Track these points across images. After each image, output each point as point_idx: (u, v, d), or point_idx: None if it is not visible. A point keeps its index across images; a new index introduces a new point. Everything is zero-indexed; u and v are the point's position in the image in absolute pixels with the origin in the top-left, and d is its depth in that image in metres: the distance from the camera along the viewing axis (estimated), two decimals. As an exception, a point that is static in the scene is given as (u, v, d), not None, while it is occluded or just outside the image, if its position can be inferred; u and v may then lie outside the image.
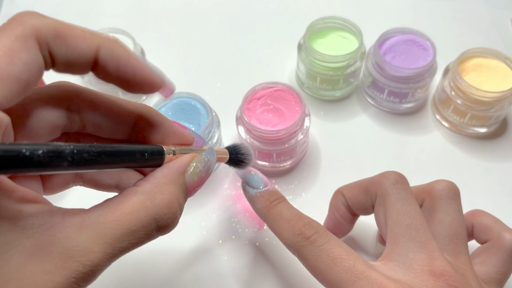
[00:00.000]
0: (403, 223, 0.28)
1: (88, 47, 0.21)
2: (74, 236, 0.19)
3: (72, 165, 0.18)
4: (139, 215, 0.21)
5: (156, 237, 0.22)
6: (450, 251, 0.28)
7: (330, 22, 0.48)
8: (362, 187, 0.32)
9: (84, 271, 0.19)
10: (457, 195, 0.31)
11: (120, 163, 0.21)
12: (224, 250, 0.40)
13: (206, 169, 0.25)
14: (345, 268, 0.26)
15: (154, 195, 0.21)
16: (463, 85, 0.43)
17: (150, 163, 0.23)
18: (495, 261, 0.30)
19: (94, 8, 0.60)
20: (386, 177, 0.30)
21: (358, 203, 0.33)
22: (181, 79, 0.52)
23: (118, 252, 0.20)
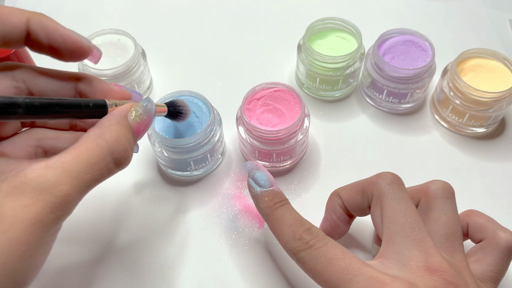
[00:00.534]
0: (398, 222, 0.28)
1: (19, 20, 0.24)
2: (42, 174, 0.22)
3: (27, 112, 0.22)
4: (95, 151, 0.24)
5: (116, 170, 0.25)
6: (446, 249, 0.29)
7: (330, 23, 0.49)
8: (358, 188, 0.33)
9: (57, 201, 0.22)
10: (452, 195, 0.31)
11: (69, 112, 0.25)
12: (224, 249, 0.40)
13: (146, 112, 0.28)
14: (341, 267, 0.26)
15: (103, 134, 0.25)
16: (462, 86, 0.44)
17: (95, 112, 0.26)
18: (491, 259, 0.30)
19: (95, 8, 0.60)
20: (382, 178, 0.31)
21: (355, 204, 0.33)
22: (181, 79, 0.53)
23: (84, 185, 0.23)
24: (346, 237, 0.40)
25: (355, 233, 0.40)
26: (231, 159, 0.46)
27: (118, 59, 0.47)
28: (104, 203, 0.43)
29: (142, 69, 0.48)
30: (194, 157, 0.41)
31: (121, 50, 0.48)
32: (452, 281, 0.25)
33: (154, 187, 0.44)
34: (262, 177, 0.33)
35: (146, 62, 0.49)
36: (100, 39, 0.48)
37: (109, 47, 0.48)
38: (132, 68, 0.46)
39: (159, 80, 0.53)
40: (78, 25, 0.58)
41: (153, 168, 0.45)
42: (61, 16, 0.59)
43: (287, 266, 0.38)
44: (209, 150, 0.42)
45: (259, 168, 0.34)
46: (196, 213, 0.42)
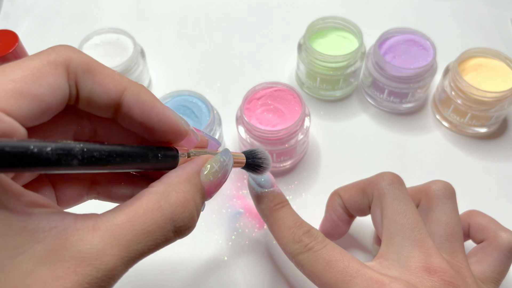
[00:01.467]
0: (398, 222, 0.28)
1: (114, 87, 0.20)
2: (87, 238, 0.18)
3: (82, 164, 0.18)
4: (154, 215, 0.20)
5: (174, 240, 0.21)
6: (446, 250, 0.28)
7: (330, 22, 0.48)
8: (359, 188, 0.32)
9: (98, 275, 0.18)
10: (453, 195, 0.31)
11: (132, 163, 0.20)
12: (224, 250, 0.40)
13: (222, 169, 0.24)
14: (340, 268, 0.26)
15: (168, 194, 0.21)
16: (463, 85, 0.43)
17: (163, 165, 0.22)
18: (492, 260, 0.30)
19: (93, 7, 0.60)
20: (382, 178, 0.30)
21: (355, 204, 0.33)
22: (181, 79, 0.52)
23: (134, 256, 0.19)
24: (346, 237, 0.39)
25: (355, 233, 0.40)
26: (231, 159, 0.46)
27: (117, 59, 0.47)
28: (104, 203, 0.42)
29: (141, 68, 0.48)
30: (194, 157, 0.41)
31: (120, 49, 0.47)
32: (452, 282, 0.25)
33: (153, 187, 0.44)
34: (263, 178, 0.33)
35: (145, 62, 0.49)
36: (99, 38, 0.48)
37: (108, 46, 0.47)
38: (131, 67, 0.46)
39: (158, 79, 0.52)
40: (77, 24, 0.58)
41: (152, 168, 0.45)
42: (60, 15, 0.59)
43: (287, 267, 0.38)
44: (208, 150, 0.41)
45: None
46: (196, 213, 0.42)
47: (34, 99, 0.18)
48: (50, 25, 0.58)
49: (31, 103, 0.18)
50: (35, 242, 0.17)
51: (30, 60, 0.19)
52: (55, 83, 0.19)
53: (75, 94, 0.20)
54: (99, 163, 0.19)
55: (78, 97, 0.20)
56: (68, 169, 0.18)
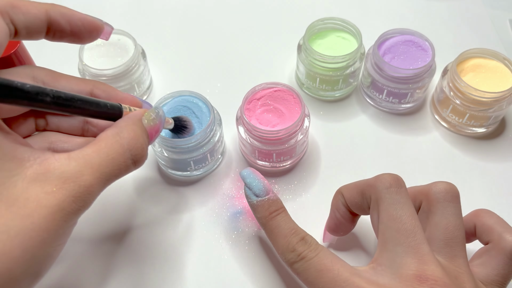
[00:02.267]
0: (393, 228, 0.28)
1: (39, 11, 0.25)
2: (66, 163, 0.23)
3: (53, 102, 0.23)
4: (114, 146, 0.25)
5: (133, 168, 0.26)
6: (445, 254, 0.28)
7: (330, 23, 0.49)
8: (358, 189, 0.32)
9: (80, 190, 0.23)
10: (454, 198, 0.30)
11: (89, 107, 0.26)
12: (225, 249, 0.40)
13: (157, 117, 0.30)
14: (330, 278, 0.27)
15: (121, 132, 0.26)
16: (462, 86, 0.44)
17: (112, 113, 0.28)
18: (496, 263, 0.30)
19: (94, 8, 0.60)
20: (380, 181, 0.30)
21: (356, 204, 0.33)
22: (181, 79, 0.53)
23: (105, 178, 0.24)
24: (351, 236, 0.40)
25: (360, 232, 0.40)
26: (231, 159, 0.46)
27: (118, 59, 0.47)
28: (104, 203, 0.43)
29: (142, 69, 0.48)
30: (194, 157, 0.41)
31: (121, 50, 0.48)
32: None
33: (154, 187, 0.44)
34: (257, 187, 0.33)
35: (146, 62, 0.49)
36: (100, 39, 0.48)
37: (109, 47, 0.48)
38: (132, 68, 0.46)
39: (159, 80, 0.53)
40: (78, 25, 0.58)
41: (153, 168, 0.45)
42: (61, 16, 0.59)
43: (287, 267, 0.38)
44: (209, 150, 0.42)
45: (255, 176, 0.34)
46: (196, 213, 0.42)
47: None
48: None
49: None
50: (24, 168, 0.22)
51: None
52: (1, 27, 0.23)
53: (13, 29, 0.24)
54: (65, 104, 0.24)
55: (16, 30, 0.24)
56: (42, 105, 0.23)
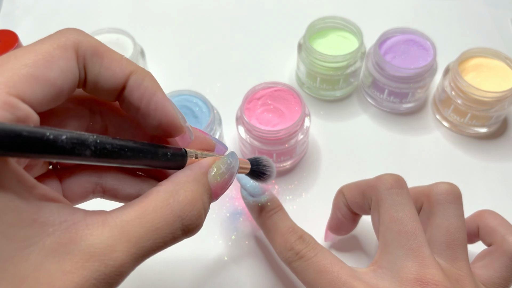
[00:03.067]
0: (393, 230, 0.27)
1: (121, 71, 0.21)
2: (96, 233, 0.18)
3: (95, 155, 0.18)
4: (163, 212, 0.20)
5: (182, 238, 0.21)
6: (446, 257, 0.28)
7: (330, 22, 0.48)
8: (359, 190, 0.32)
9: (106, 271, 0.18)
10: (456, 199, 0.30)
11: (142, 158, 0.21)
12: (225, 249, 0.40)
13: (228, 171, 0.24)
14: (329, 280, 0.26)
15: (177, 192, 0.21)
16: (464, 85, 0.43)
17: (172, 163, 0.22)
18: (498, 266, 0.29)
19: (93, 7, 0.60)
20: (381, 181, 0.29)
21: (357, 204, 0.33)
22: (181, 79, 0.52)
23: (142, 253, 0.20)
24: (352, 237, 0.39)
25: (361, 233, 0.40)
26: (231, 159, 0.46)
27: (117, 59, 0.47)
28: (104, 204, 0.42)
29: (142, 68, 0.48)
30: (194, 157, 0.41)
31: (120, 49, 0.47)
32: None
33: (153, 187, 0.44)
34: (253, 187, 0.33)
35: (145, 62, 0.49)
36: (99, 38, 0.48)
37: (108, 46, 0.48)
38: (131, 67, 0.46)
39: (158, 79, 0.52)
40: (77, 24, 0.58)
41: (152, 168, 0.45)
42: (60, 15, 0.59)
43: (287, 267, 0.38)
44: (208, 150, 0.41)
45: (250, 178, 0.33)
46: (196, 213, 0.42)
47: (47, 84, 0.18)
48: (49, 25, 0.58)
49: (44, 88, 0.18)
50: (45, 235, 0.17)
51: (40, 44, 0.19)
52: (66, 67, 0.19)
53: (83, 77, 0.20)
54: (110, 156, 0.19)
55: (86, 80, 0.20)
56: (81, 159, 0.18)
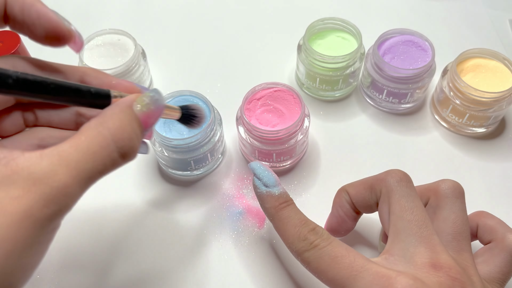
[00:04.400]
0: (405, 219, 0.28)
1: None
2: (36, 162, 0.19)
3: (17, 85, 0.19)
4: (95, 138, 0.21)
5: (122, 163, 0.23)
6: (453, 248, 0.29)
7: (330, 23, 0.49)
8: (367, 185, 0.33)
9: (52, 192, 0.19)
10: (461, 195, 0.31)
11: (66, 94, 0.22)
12: (225, 249, 0.40)
13: (154, 102, 0.25)
14: (346, 264, 0.26)
15: (105, 123, 0.22)
16: (462, 86, 0.44)
17: (98, 101, 0.24)
18: (498, 261, 0.31)
19: (95, 8, 0.60)
20: (391, 175, 0.31)
21: (363, 200, 0.33)
22: (181, 79, 0.53)
23: (85, 176, 0.21)
24: (353, 234, 0.40)
25: (362, 231, 0.40)
26: (231, 159, 0.46)
27: (118, 59, 0.47)
28: (104, 203, 0.43)
29: (142, 69, 0.48)
30: (195, 156, 0.41)
31: (121, 50, 0.48)
32: (458, 278, 0.25)
33: (154, 187, 0.44)
34: (268, 177, 0.33)
35: (146, 62, 0.49)
36: (100, 39, 0.48)
37: (109, 47, 0.48)
38: (132, 68, 0.46)
39: (159, 80, 0.53)
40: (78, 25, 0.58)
41: (153, 168, 0.45)
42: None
43: (287, 266, 0.38)
44: (209, 149, 0.42)
45: (265, 168, 0.34)
46: (196, 213, 0.42)
47: None
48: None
49: None
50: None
51: None
52: None
53: None
54: (33, 88, 0.20)
55: None
56: (4, 91, 0.19)
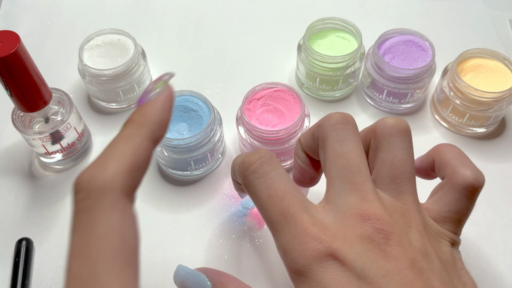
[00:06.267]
0: (338, 165, 0.26)
1: None
2: None
3: None
4: None
5: None
6: (391, 191, 0.27)
7: (330, 23, 0.49)
8: (310, 132, 0.30)
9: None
10: (402, 132, 0.28)
11: None
12: (225, 249, 0.40)
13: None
14: (279, 208, 0.25)
15: None
16: (462, 86, 0.44)
17: None
18: (448, 199, 0.28)
19: (95, 8, 0.60)
20: (327, 119, 0.28)
21: (309, 147, 0.31)
22: (181, 79, 0.53)
23: None
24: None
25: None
26: (231, 159, 0.46)
27: (118, 59, 0.47)
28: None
29: (142, 69, 0.48)
30: (195, 156, 0.41)
31: (121, 50, 0.48)
32: (383, 229, 0.24)
33: (154, 187, 0.44)
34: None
35: (146, 62, 0.49)
36: (100, 39, 0.48)
37: (109, 47, 0.48)
38: (132, 68, 0.46)
39: (159, 80, 0.52)
40: (78, 25, 0.58)
41: (153, 168, 0.45)
42: (61, 15, 0.59)
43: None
44: (209, 149, 0.42)
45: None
46: (196, 213, 0.42)
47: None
48: (51, 25, 0.58)
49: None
50: None
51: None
52: None
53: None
54: None
55: None
56: None
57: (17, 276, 0.38)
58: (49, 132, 0.41)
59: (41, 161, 0.45)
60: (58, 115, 0.42)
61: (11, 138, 0.47)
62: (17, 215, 0.42)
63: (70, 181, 0.44)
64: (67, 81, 0.52)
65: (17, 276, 0.38)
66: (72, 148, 0.44)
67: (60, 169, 0.45)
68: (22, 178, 0.45)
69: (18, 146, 0.47)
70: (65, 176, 0.45)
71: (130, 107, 0.50)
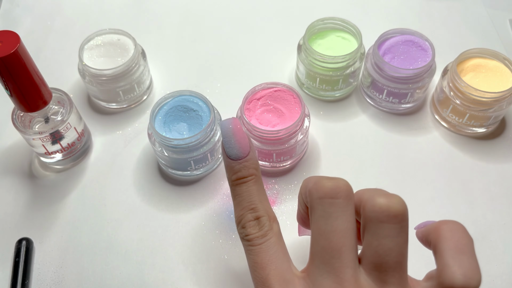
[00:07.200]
0: (319, 244, 0.25)
1: None
2: None
3: None
4: None
5: None
6: (375, 278, 0.25)
7: (330, 23, 0.49)
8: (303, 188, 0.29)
9: None
10: (391, 218, 0.24)
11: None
12: (225, 249, 0.40)
13: None
14: (259, 277, 0.26)
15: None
16: (462, 86, 0.44)
17: None
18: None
19: (95, 8, 0.60)
20: (316, 188, 0.26)
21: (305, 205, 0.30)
22: (181, 79, 0.53)
23: None
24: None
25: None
26: (231, 159, 0.46)
27: (118, 59, 0.47)
28: (105, 202, 0.43)
29: (142, 69, 0.48)
30: (195, 156, 0.41)
31: (121, 50, 0.48)
32: None
33: (154, 187, 0.44)
34: (231, 150, 0.29)
35: (146, 62, 0.49)
36: (100, 39, 0.48)
37: (109, 47, 0.48)
38: (132, 68, 0.46)
39: (159, 80, 0.53)
40: (78, 25, 0.58)
41: (153, 168, 0.45)
42: (61, 15, 0.59)
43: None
44: (209, 149, 0.42)
45: (232, 137, 0.30)
46: (196, 213, 0.42)
47: None
48: (50, 25, 0.58)
49: None
50: None
51: None
52: None
53: None
54: None
55: None
56: None
57: (17, 276, 0.38)
58: (49, 132, 0.41)
59: (41, 161, 0.45)
60: (58, 115, 0.42)
61: (11, 138, 0.47)
62: (17, 215, 0.42)
63: (70, 181, 0.44)
64: (67, 81, 0.52)
65: (17, 276, 0.38)
66: (72, 148, 0.44)
67: (60, 169, 0.45)
68: (22, 178, 0.45)
69: (18, 146, 0.47)
70: (65, 176, 0.45)
71: (130, 107, 0.50)
